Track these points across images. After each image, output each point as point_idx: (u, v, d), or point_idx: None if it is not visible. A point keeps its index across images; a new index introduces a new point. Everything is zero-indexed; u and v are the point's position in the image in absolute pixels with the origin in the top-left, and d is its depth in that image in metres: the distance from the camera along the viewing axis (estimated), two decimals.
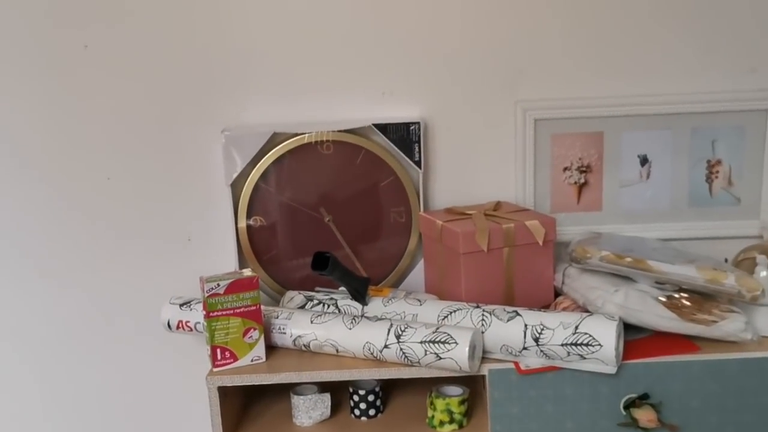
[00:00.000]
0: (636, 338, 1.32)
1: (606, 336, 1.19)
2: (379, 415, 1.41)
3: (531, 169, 1.56)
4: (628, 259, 1.24)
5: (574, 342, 1.21)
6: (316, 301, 1.45)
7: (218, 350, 1.30)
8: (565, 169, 1.58)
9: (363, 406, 1.40)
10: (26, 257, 1.59)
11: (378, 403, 1.40)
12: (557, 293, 1.45)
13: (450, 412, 1.34)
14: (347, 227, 1.57)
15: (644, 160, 1.57)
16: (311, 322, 1.34)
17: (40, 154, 1.54)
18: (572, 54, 1.52)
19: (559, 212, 1.59)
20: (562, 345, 1.21)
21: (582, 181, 1.59)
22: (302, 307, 1.45)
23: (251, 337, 1.32)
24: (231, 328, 1.31)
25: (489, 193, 1.58)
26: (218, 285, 1.29)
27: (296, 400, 1.38)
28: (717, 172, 1.57)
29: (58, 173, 1.56)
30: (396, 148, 1.52)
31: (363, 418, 1.40)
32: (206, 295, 1.28)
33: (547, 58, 1.53)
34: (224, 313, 1.30)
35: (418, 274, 1.58)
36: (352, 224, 1.57)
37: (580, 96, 1.54)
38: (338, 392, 1.46)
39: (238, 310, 1.30)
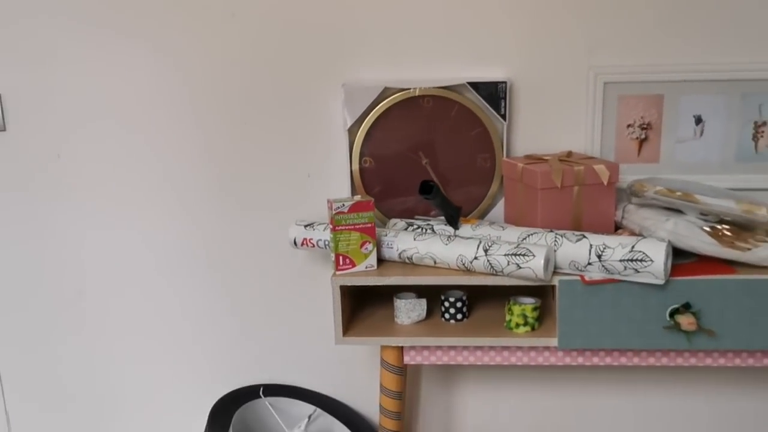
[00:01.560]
0: (683, 262, 1.59)
1: (657, 254, 1.47)
2: (465, 319, 1.72)
3: (599, 124, 1.83)
4: (678, 193, 1.51)
5: (630, 258, 1.49)
6: (415, 226, 1.77)
7: (341, 257, 1.64)
8: (629, 125, 1.84)
9: (452, 311, 1.71)
10: (187, 188, 1.96)
11: (464, 309, 1.72)
12: (617, 227, 1.73)
13: (525, 317, 1.64)
14: (441, 169, 1.87)
15: (698, 120, 1.83)
16: (414, 239, 1.66)
17: (192, 107, 1.90)
18: (638, 27, 1.78)
19: (621, 163, 1.86)
20: (621, 261, 1.50)
21: (643, 136, 1.85)
22: (406, 230, 1.77)
23: (366, 248, 1.65)
24: (351, 240, 1.64)
25: (562, 144, 1.87)
26: (343, 205, 1.62)
27: (398, 302, 1.71)
28: (762, 132, 1.82)
29: (205, 120, 1.91)
30: (486, 103, 1.81)
31: (452, 321, 1.72)
32: (333, 212, 1.61)
33: (617, 30, 1.79)
34: (347, 227, 1.63)
35: (498, 211, 1.88)
36: (446, 167, 1.87)
37: (645, 63, 1.80)
38: (433, 299, 1.78)
39: (357, 226, 1.63)
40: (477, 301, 1.81)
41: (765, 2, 1.75)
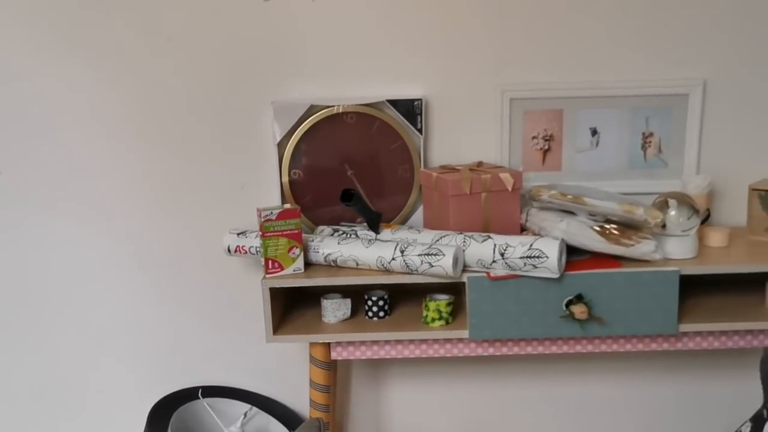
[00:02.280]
0: (578, 259, 1.78)
1: (551, 250, 1.65)
2: (387, 316, 1.88)
3: (507, 136, 2.02)
4: (569, 196, 1.70)
5: (529, 255, 1.67)
6: (341, 232, 1.92)
7: (270, 262, 1.77)
8: (533, 137, 2.03)
9: (375, 309, 1.86)
10: (125, 199, 2.06)
11: (386, 307, 1.87)
12: (523, 229, 1.91)
13: (439, 312, 1.80)
14: (365, 180, 2.03)
15: (594, 132, 2.03)
16: (338, 243, 1.81)
17: (131, 124, 2.02)
18: (540, 48, 1.98)
19: (528, 171, 2.05)
20: (521, 258, 1.67)
21: (546, 147, 2.04)
22: (331, 235, 1.91)
23: (294, 253, 1.79)
24: (279, 245, 1.78)
25: (475, 155, 2.04)
26: (272, 213, 1.76)
27: (325, 302, 1.85)
28: (650, 142, 2.03)
29: (143, 138, 2.03)
30: (404, 119, 1.98)
31: (375, 318, 1.87)
32: (262, 220, 1.75)
33: (521, 51, 1.98)
34: (275, 234, 1.77)
35: (418, 217, 2.05)
36: (369, 178, 2.03)
37: (546, 81, 2.00)
38: (358, 299, 1.93)
39: (285, 232, 1.77)
40: (399, 300, 1.97)
41: (649, 29, 1.96)
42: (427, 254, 1.70)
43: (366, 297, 1.87)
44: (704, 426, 2.13)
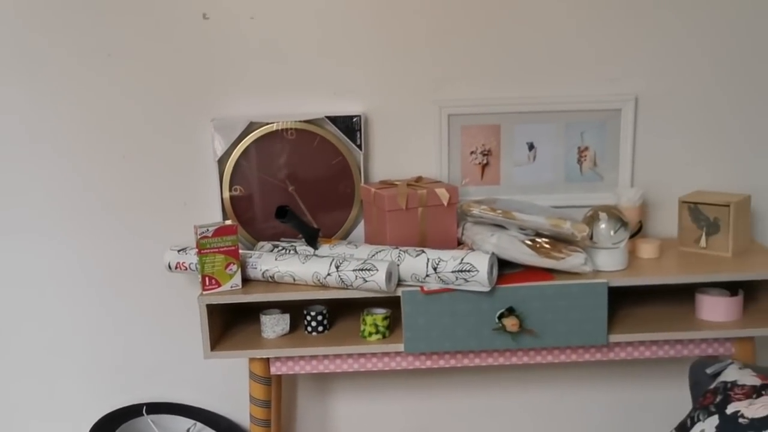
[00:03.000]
0: (511, 272, 1.81)
1: (481, 264, 1.68)
2: (326, 331, 1.89)
3: (446, 151, 2.06)
4: (499, 211, 1.74)
5: (460, 269, 1.70)
6: (280, 248, 1.94)
7: (207, 278, 1.78)
8: (472, 152, 2.07)
9: (314, 324, 1.88)
10: (69, 218, 2.06)
11: (325, 322, 1.88)
12: (459, 243, 1.94)
13: (376, 326, 1.82)
14: (306, 195, 2.05)
15: (531, 147, 2.07)
16: (275, 259, 1.83)
17: (73, 141, 2.02)
18: (476, 66, 2.02)
19: (467, 186, 2.08)
20: (452, 272, 1.70)
21: (485, 161, 2.08)
22: (270, 251, 1.93)
23: (231, 269, 1.80)
24: (216, 262, 1.79)
25: (415, 170, 2.07)
26: (207, 230, 1.77)
27: (264, 318, 1.86)
28: (585, 156, 2.08)
29: (84, 156, 2.03)
30: (343, 135, 2.01)
31: (314, 333, 1.88)
32: (199, 237, 1.76)
33: (458, 69, 2.02)
34: (211, 250, 1.78)
35: (360, 232, 2.07)
36: (311, 193, 2.05)
37: (483, 97, 2.03)
38: (298, 313, 1.94)
39: (221, 249, 1.78)
40: (341, 314, 1.98)
41: (582, 46, 2.01)
42: (362, 269, 1.72)
43: (305, 312, 1.89)
44: None
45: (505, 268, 1.82)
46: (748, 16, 2.00)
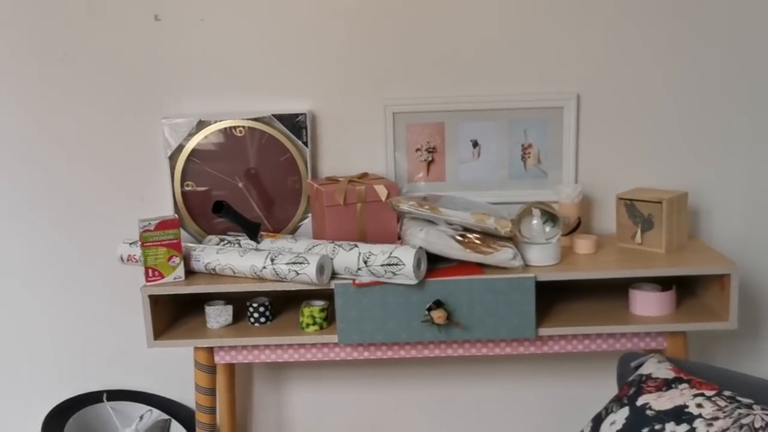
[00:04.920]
0: (446, 266, 1.86)
1: (408, 258, 1.73)
2: (268, 322, 1.96)
3: (391, 149, 2.11)
4: (426, 207, 1.79)
5: (388, 263, 1.75)
6: (226, 241, 2.00)
7: (150, 270, 1.86)
8: (417, 149, 2.12)
9: (256, 315, 1.94)
10: (25, 217, 2.16)
11: (267, 313, 1.95)
12: (399, 238, 1.99)
13: (313, 317, 1.88)
14: (257, 191, 2.11)
15: (475, 144, 2.11)
16: (217, 252, 1.90)
17: (29, 140, 2.12)
18: (420, 65, 2.07)
19: (413, 182, 2.13)
20: (382, 265, 1.75)
21: (430, 159, 2.13)
22: (217, 245, 2.00)
23: (174, 261, 1.88)
24: (159, 254, 1.86)
25: (363, 167, 2.12)
26: (149, 223, 1.84)
27: (208, 309, 1.94)
28: (529, 153, 2.11)
29: (46, 155, 2.13)
30: (290, 132, 2.07)
31: (256, 324, 1.95)
32: (141, 230, 1.84)
33: (403, 67, 2.07)
34: (154, 243, 1.85)
35: (308, 226, 2.13)
36: (261, 189, 2.11)
37: (427, 95, 2.08)
38: (243, 305, 2.00)
39: (164, 242, 1.86)
40: (280, 305, 2.04)
41: (524, 44, 2.05)
42: (294, 263, 1.78)
43: (248, 304, 1.96)
44: (571, 428, 2.20)
45: (442, 262, 1.87)
46: (688, 16, 2.01)
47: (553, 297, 1.99)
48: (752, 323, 2.19)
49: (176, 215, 1.87)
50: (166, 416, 2.23)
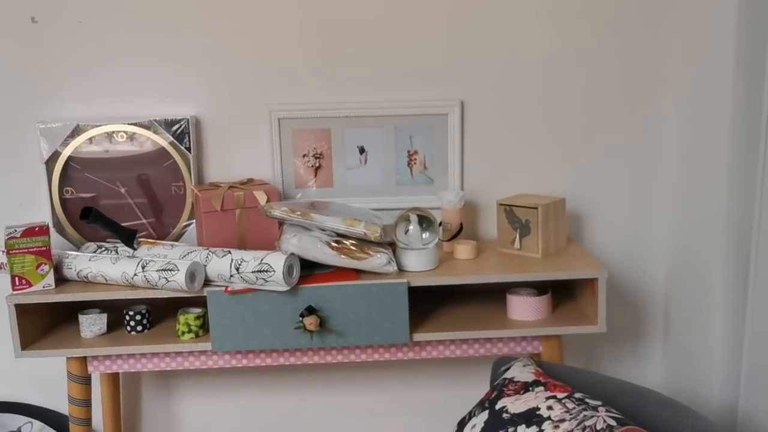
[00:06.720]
0: (322, 272, 1.85)
1: (278, 265, 1.72)
2: (146, 330, 1.92)
3: (278, 155, 2.09)
4: (298, 213, 1.78)
5: (259, 270, 1.73)
6: (103, 248, 1.96)
7: (16, 278, 1.81)
8: (304, 155, 2.11)
9: (133, 323, 1.90)
10: None
11: (144, 321, 1.91)
12: None
13: (189, 325, 1.85)
14: (140, 197, 2.08)
15: (362, 150, 2.11)
16: (89, 260, 1.85)
17: None
18: (305, 71, 2.06)
19: (301, 188, 2.12)
20: (253, 272, 1.74)
21: (317, 165, 2.12)
22: (94, 252, 1.95)
23: (43, 269, 1.83)
24: (26, 262, 1.81)
25: (250, 172, 2.11)
26: (15, 230, 1.79)
27: (81, 318, 1.89)
28: (415, 159, 2.12)
29: None
30: (172, 138, 2.04)
31: (133, 333, 1.91)
32: (6, 238, 1.79)
33: (288, 73, 2.06)
34: (21, 251, 1.80)
35: (192, 233, 2.10)
36: (144, 195, 2.08)
37: (312, 101, 2.07)
38: (118, 314, 1.96)
39: (31, 250, 1.81)
40: (159, 313, 2.00)
41: (407, 51, 2.06)
42: (164, 269, 1.75)
43: (125, 312, 1.92)
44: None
45: (320, 268, 1.86)
46: (568, 25, 2.05)
47: (433, 303, 2.00)
48: (633, 326, 2.24)
49: (46, 222, 1.82)
50: (50, 429, 2.17)
